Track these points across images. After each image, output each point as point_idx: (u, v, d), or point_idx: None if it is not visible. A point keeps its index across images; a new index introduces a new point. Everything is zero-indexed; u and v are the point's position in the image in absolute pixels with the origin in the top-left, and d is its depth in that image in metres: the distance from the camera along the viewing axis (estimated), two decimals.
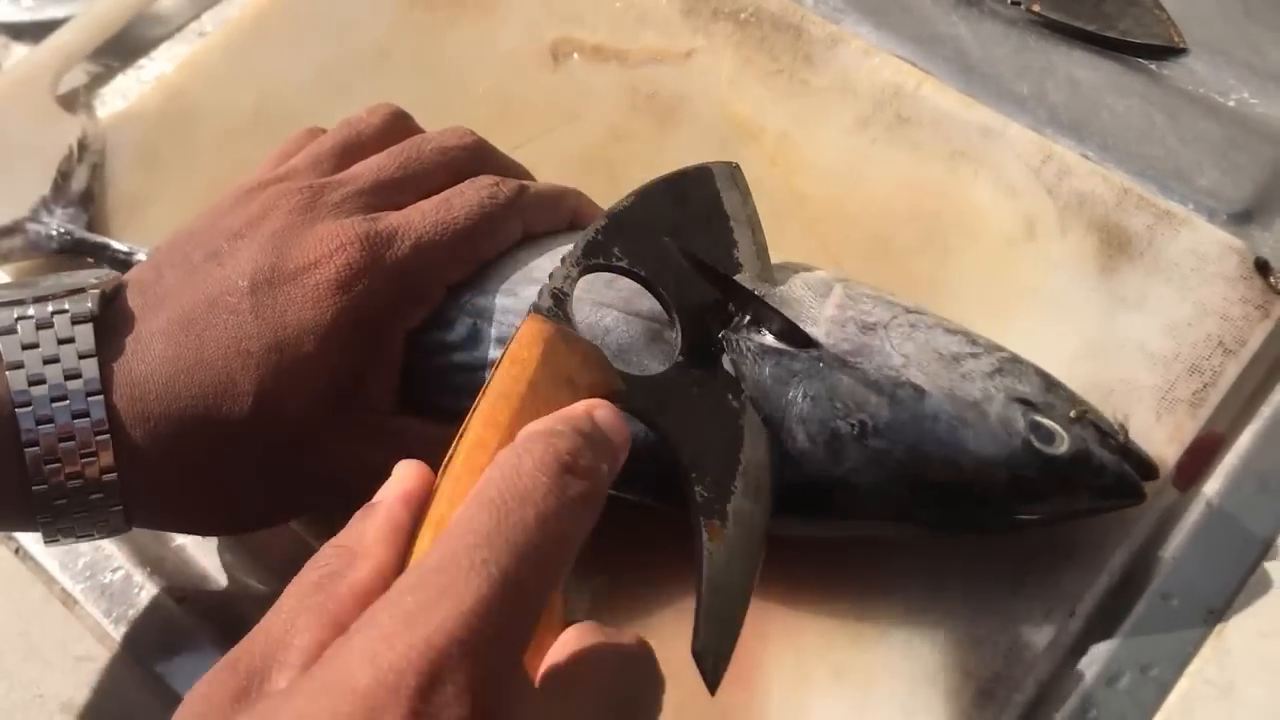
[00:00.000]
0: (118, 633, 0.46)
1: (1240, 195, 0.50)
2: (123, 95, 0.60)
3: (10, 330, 0.38)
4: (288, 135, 0.47)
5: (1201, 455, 0.45)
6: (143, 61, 0.63)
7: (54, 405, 0.37)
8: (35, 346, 0.38)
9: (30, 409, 0.37)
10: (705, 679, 0.34)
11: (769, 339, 0.41)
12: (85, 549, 0.48)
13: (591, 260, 0.38)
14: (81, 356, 0.38)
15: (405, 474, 0.32)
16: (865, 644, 0.41)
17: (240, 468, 0.40)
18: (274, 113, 0.57)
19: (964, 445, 0.39)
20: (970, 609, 0.41)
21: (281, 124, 0.43)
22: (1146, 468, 0.41)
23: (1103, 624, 0.42)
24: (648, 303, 0.41)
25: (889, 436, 0.40)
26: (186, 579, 0.47)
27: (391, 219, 0.41)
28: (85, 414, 0.38)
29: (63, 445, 0.38)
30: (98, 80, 0.61)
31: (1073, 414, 0.40)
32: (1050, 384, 0.41)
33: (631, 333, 0.41)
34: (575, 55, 0.57)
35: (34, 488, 0.38)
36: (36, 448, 0.37)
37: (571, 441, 0.30)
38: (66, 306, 0.39)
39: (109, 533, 0.41)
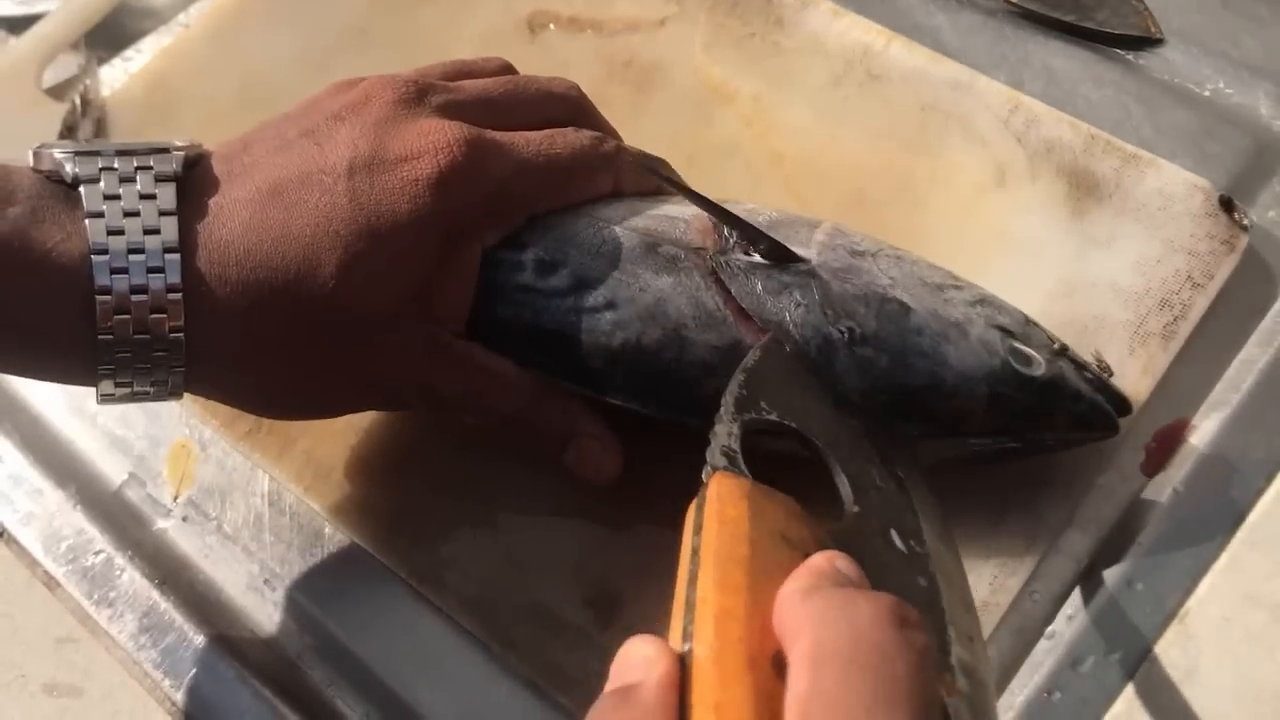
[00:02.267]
0: (99, 615, 0.47)
1: (1215, 184, 0.50)
2: (109, 86, 0.61)
3: (93, 179, 0.37)
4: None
5: (1169, 443, 0.45)
6: (129, 53, 0.63)
7: (130, 258, 0.37)
8: (117, 199, 0.37)
9: (106, 258, 0.37)
10: None
11: (758, 258, 0.42)
12: (68, 533, 0.48)
13: (746, 415, 0.36)
14: (162, 214, 0.37)
15: (652, 653, 0.28)
16: None
17: (305, 350, 0.40)
18: (256, 96, 0.57)
19: (946, 359, 0.41)
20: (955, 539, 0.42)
21: (264, 107, 0.44)
22: (1121, 402, 0.42)
23: (1067, 607, 0.42)
24: (652, 223, 0.43)
25: (875, 345, 0.41)
26: (167, 563, 0.48)
27: (497, 135, 0.41)
28: (160, 270, 0.37)
29: (134, 298, 0.37)
30: (85, 72, 0.62)
31: (1054, 347, 0.42)
32: (1028, 321, 0.43)
33: (628, 244, 0.42)
34: (551, 26, 0.57)
35: (99, 336, 0.37)
36: (108, 297, 0.37)
37: (873, 596, 0.27)
38: (151, 163, 0.38)
39: (165, 394, 0.40)
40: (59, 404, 0.52)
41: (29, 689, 0.46)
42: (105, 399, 0.40)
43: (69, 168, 0.38)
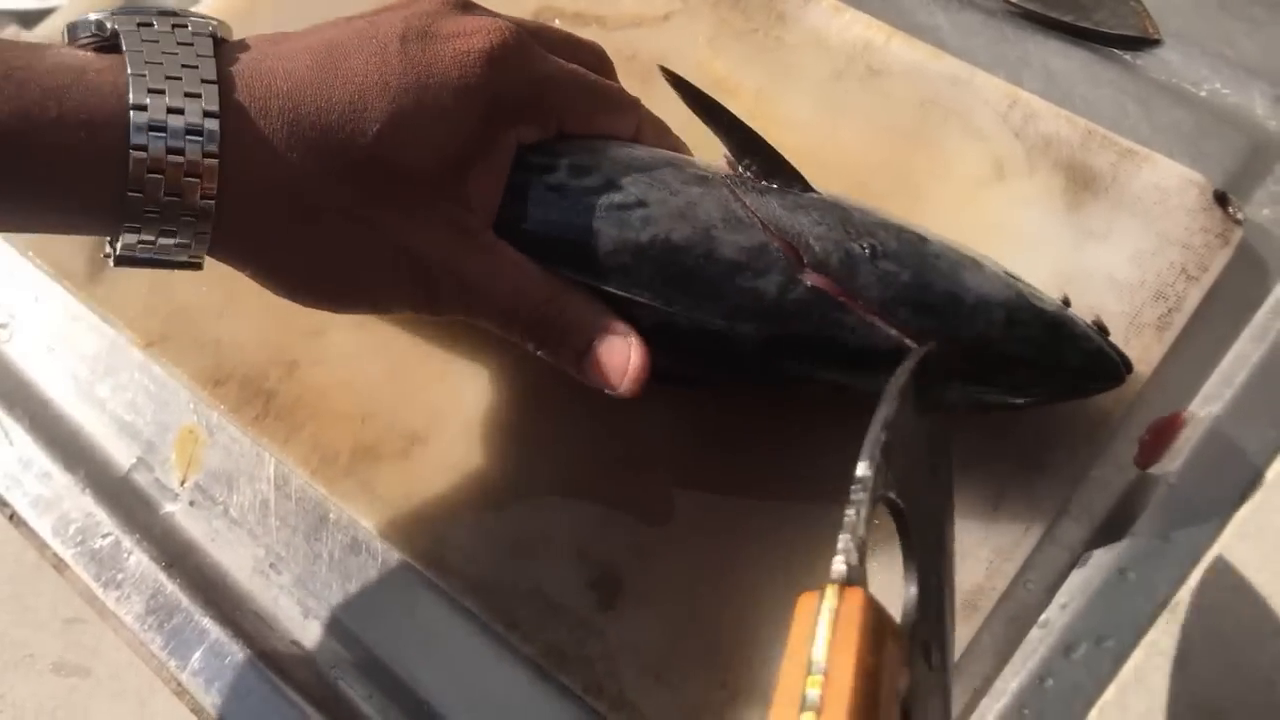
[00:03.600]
0: (107, 597, 0.47)
1: (1211, 181, 0.51)
2: None
3: (134, 39, 0.37)
4: None
5: (1163, 435, 0.46)
6: None
7: (170, 116, 0.36)
8: (158, 64, 0.37)
9: (145, 114, 0.36)
10: None
11: (774, 185, 0.43)
12: (76, 516, 0.49)
13: (879, 494, 0.33)
14: (204, 81, 0.37)
15: None
16: None
17: (337, 208, 0.39)
18: None
19: (964, 282, 0.42)
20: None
21: None
22: (1124, 360, 0.43)
23: (1060, 596, 0.43)
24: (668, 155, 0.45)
25: (897, 261, 0.42)
26: (174, 546, 0.48)
27: (538, 47, 0.43)
28: (199, 132, 0.37)
29: (170, 158, 0.36)
30: None
31: (1060, 299, 0.44)
32: (1033, 286, 0.44)
33: (658, 161, 0.44)
34: (556, 21, 0.58)
35: (128, 193, 0.37)
36: (144, 153, 0.36)
37: None
38: (188, 24, 0.38)
39: (185, 260, 0.39)
40: (68, 389, 0.53)
41: (37, 668, 0.46)
42: (123, 258, 0.39)
43: (107, 25, 0.38)
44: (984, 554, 0.43)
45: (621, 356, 0.42)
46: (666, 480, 0.46)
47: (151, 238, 0.38)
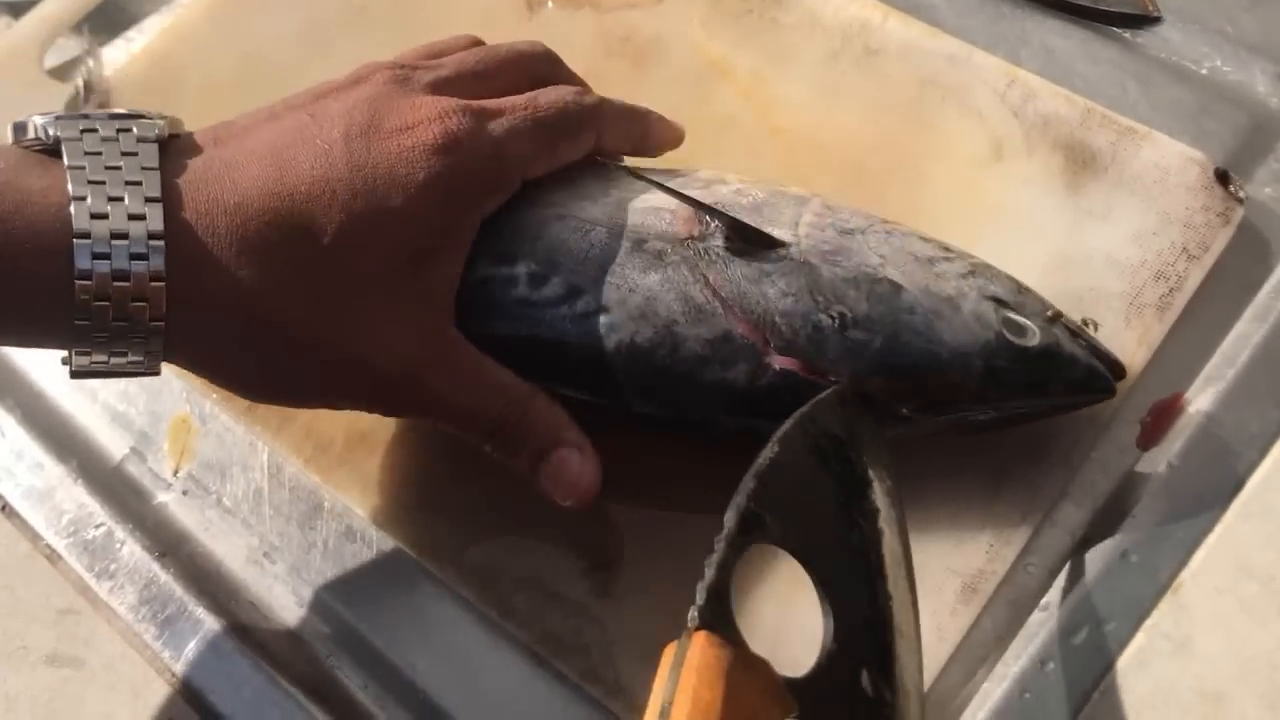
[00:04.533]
0: (100, 587, 0.47)
1: (1212, 160, 0.50)
2: (112, 66, 0.61)
3: (76, 152, 0.37)
4: (270, 97, 0.45)
5: (1164, 417, 0.45)
6: (131, 33, 0.63)
7: (114, 242, 0.36)
8: (101, 183, 0.36)
9: (89, 241, 0.35)
10: None
11: (737, 244, 0.42)
12: (69, 507, 0.48)
13: (748, 538, 0.34)
14: (149, 200, 0.36)
15: None
16: None
17: (295, 325, 0.38)
18: (256, 74, 0.58)
19: (940, 336, 0.41)
20: (951, 509, 0.43)
21: (264, 84, 0.44)
22: (1115, 366, 0.43)
23: (1061, 579, 0.42)
24: (636, 218, 0.43)
25: (867, 328, 0.41)
26: (168, 536, 0.48)
27: (486, 103, 0.42)
28: (144, 256, 0.36)
29: (115, 285, 0.36)
30: (87, 53, 0.62)
31: (1048, 314, 0.42)
32: (1021, 288, 0.43)
33: (615, 246, 0.42)
34: (550, 4, 0.57)
35: (77, 322, 0.36)
36: (89, 281, 0.36)
37: None
38: (133, 129, 0.38)
39: (144, 368, 0.39)
40: (60, 379, 0.52)
41: (30, 659, 0.46)
42: (79, 372, 0.39)
43: (50, 131, 0.37)
44: (984, 538, 0.43)
45: (574, 473, 0.42)
46: (664, 468, 0.45)
47: (104, 357, 0.38)
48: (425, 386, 0.41)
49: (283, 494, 0.48)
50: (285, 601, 0.46)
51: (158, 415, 0.51)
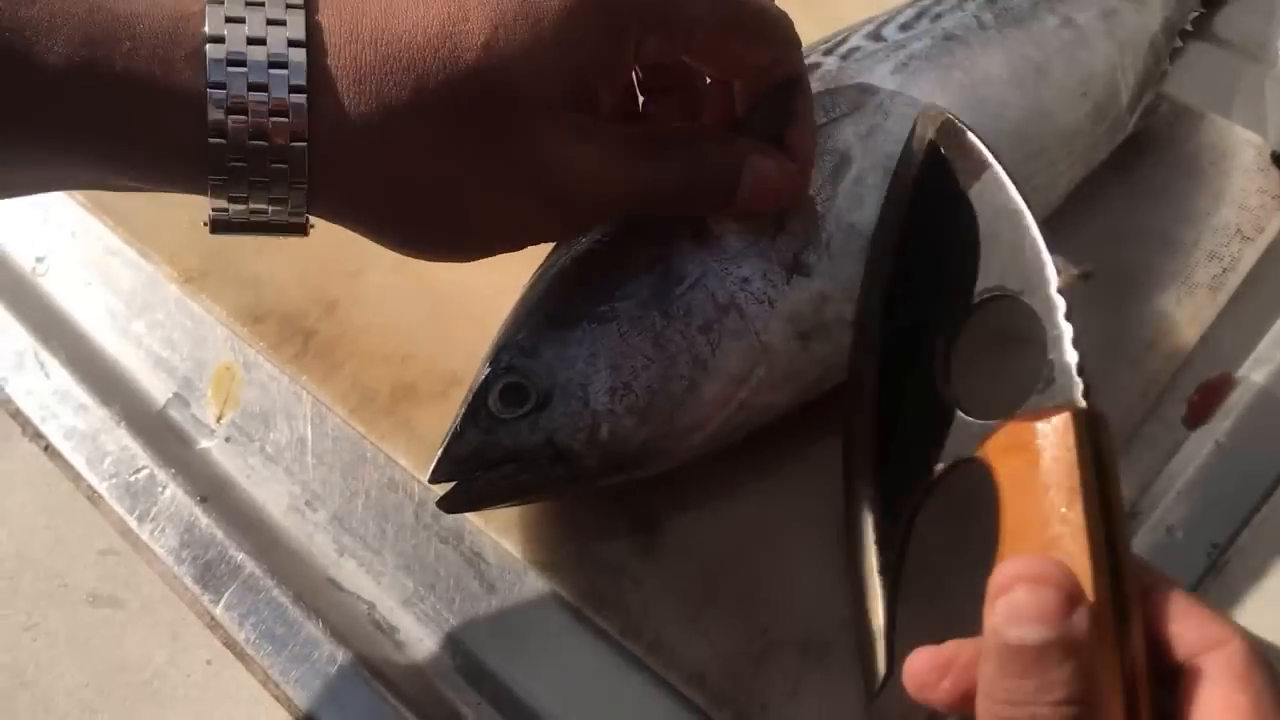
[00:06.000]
0: (141, 530, 0.47)
1: (1270, 142, 0.50)
2: None
3: None
4: None
5: (1212, 396, 0.45)
6: None
7: (250, 48, 0.32)
8: None
9: (223, 46, 0.32)
10: None
11: None
12: (111, 449, 0.49)
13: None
14: (290, 6, 0.33)
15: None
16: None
17: (449, 137, 0.35)
18: None
19: None
20: None
21: None
22: None
23: None
24: None
25: None
26: (209, 482, 0.48)
27: None
28: (284, 64, 0.33)
29: (252, 96, 0.32)
30: None
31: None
32: None
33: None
34: None
35: (210, 140, 0.33)
36: (222, 91, 0.32)
37: None
38: None
39: (287, 214, 0.35)
40: (105, 324, 0.52)
41: (71, 598, 0.46)
42: (219, 222, 0.35)
43: None
44: None
45: (773, 177, 0.39)
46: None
47: (242, 193, 0.34)
48: (606, 173, 0.37)
49: (326, 443, 0.48)
50: (325, 550, 0.46)
51: (202, 362, 0.51)
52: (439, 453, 0.41)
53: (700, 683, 0.41)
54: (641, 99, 0.43)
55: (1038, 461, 0.31)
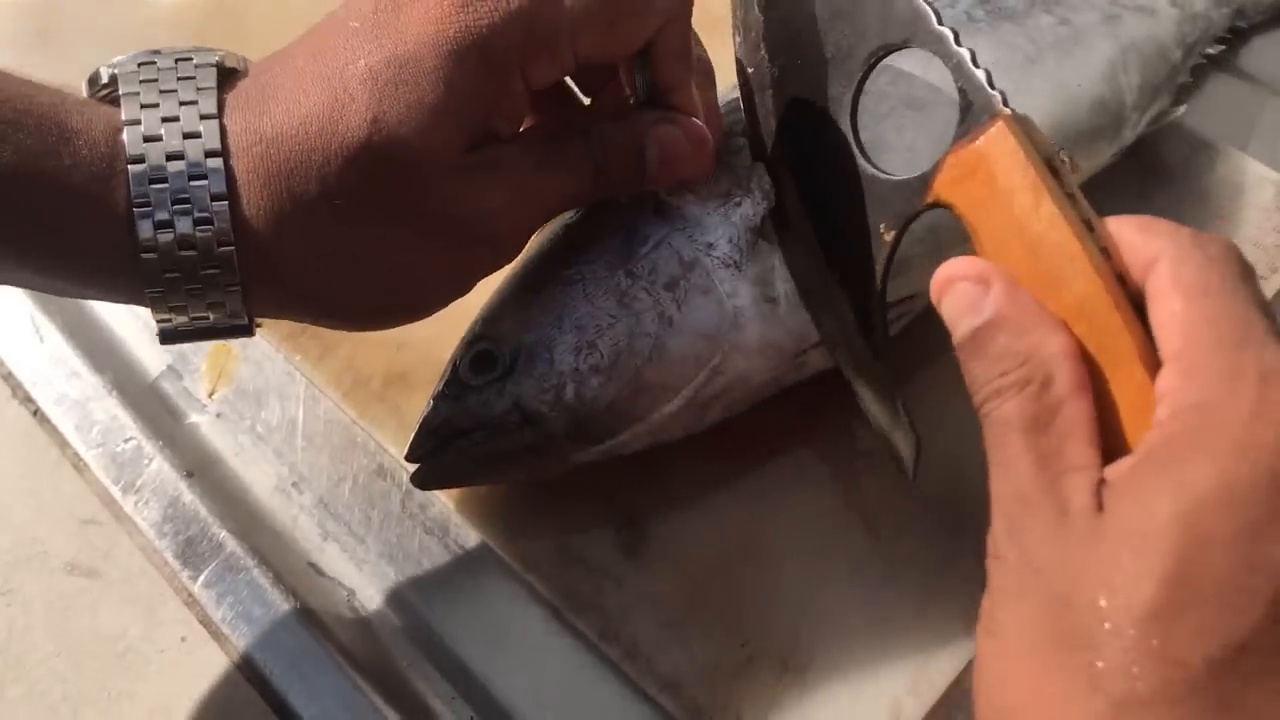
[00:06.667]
0: (125, 501, 0.47)
1: None
2: None
3: (132, 81, 0.35)
4: None
5: None
6: None
7: (169, 163, 0.34)
8: (154, 105, 0.34)
9: (144, 164, 0.34)
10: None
11: None
12: (100, 418, 0.48)
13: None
14: (203, 117, 0.34)
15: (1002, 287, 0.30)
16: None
17: (362, 217, 0.36)
18: None
19: None
20: None
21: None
22: None
23: None
24: None
25: None
26: (197, 457, 0.48)
27: None
28: (203, 175, 0.34)
29: (176, 209, 0.34)
30: None
31: None
32: None
33: None
34: None
35: (143, 254, 0.34)
36: (148, 208, 0.34)
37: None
38: (192, 58, 0.36)
39: (227, 318, 0.36)
40: None
41: (49, 565, 0.46)
42: (166, 332, 0.37)
43: (104, 73, 0.36)
44: None
45: (678, 144, 0.39)
46: (701, 437, 0.44)
47: (180, 301, 0.35)
48: (532, 195, 0.38)
49: (317, 425, 0.48)
50: (309, 533, 0.46)
51: None
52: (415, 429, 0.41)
53: (676, 691, 0.40)
54: (587, 100, 0.43)
55: (993, 175, 0.32)
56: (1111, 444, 0.29)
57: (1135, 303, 0.30)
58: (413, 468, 0.42)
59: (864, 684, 0.40)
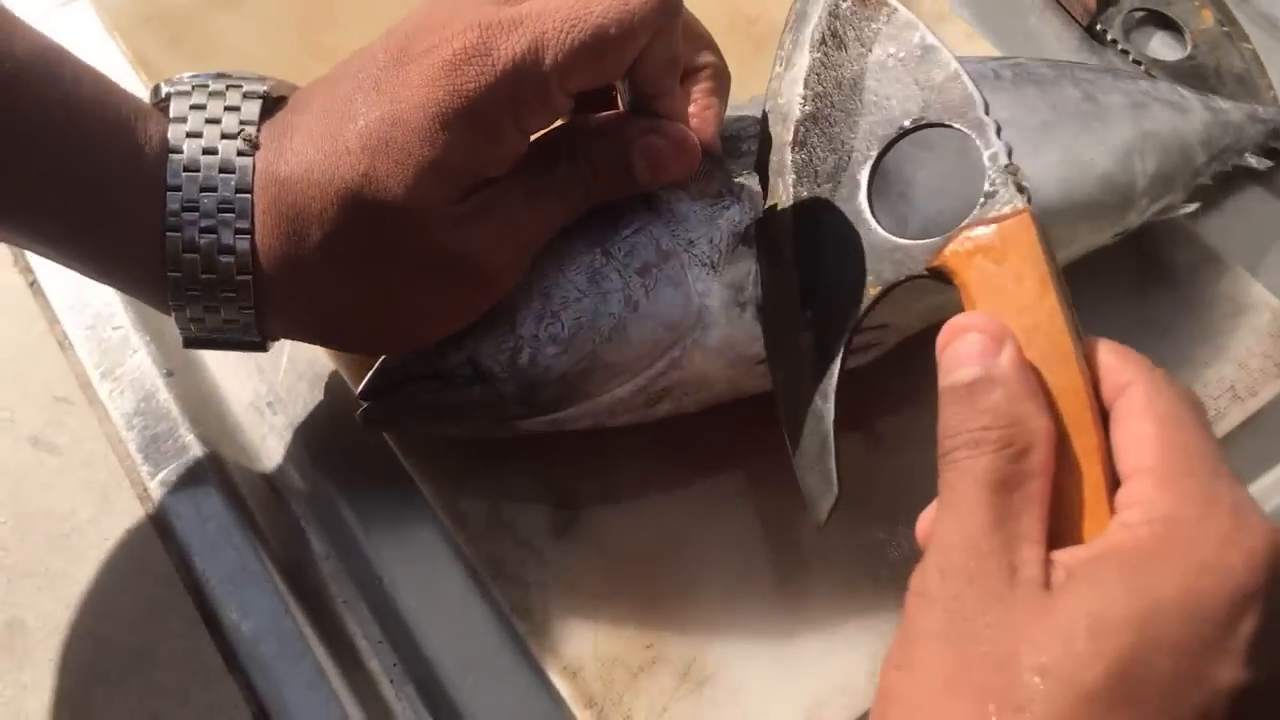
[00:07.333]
0: (101, 386, 0.47)
1: None
2: None
3: (182, 105, 0.38)
4: None
5: None
6: None
7: (202, 195, 0.37)
8: (198, 136, 0.38)
9: (180, 195, 0.37)
10: None
11: None
12: (94, 301, 0.49)
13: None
14: (240, 153, 0.38)
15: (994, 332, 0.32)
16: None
17: (361, 263, 0.38)
18: None
19: None
20: None
21: None
22: None
23: None
24: None
25: None
26: (181, 359, 0.48)
27: (521, 9, 0.38)
28: (231, 209, 0.37)
29: (203, 239, 0.37)
30: None
31: None
32: None
33: None
34: None
35: (169, 274, 0.38)
36: (178, 234, 0.37)
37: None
38: (242, 85, 0.39)
39: (240, 333, 0.40)
40: None
41: (14, 433, 0.46)
42: (187, 339, 0.41)
43: (162, 89, 0.39)
44: None
45: (663, 153, 0.41)
46: (654, 437, 0.45)
47: (199, 316, 0.39)
48: (521, 224, 0.40)
49: (303, 353, 0.48)
50: (274, 453, 0.46)
51: None
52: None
53: (573, 677, 0.41)
54: None
55: (1006, 258, 0.34)
56: (1059, 529, 0.30)
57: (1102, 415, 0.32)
58: (362, 400, 0.43)
59: (756, 711, 0.41)
